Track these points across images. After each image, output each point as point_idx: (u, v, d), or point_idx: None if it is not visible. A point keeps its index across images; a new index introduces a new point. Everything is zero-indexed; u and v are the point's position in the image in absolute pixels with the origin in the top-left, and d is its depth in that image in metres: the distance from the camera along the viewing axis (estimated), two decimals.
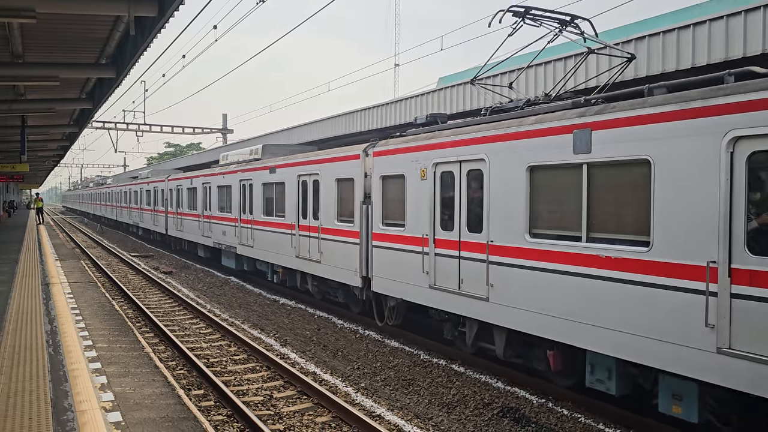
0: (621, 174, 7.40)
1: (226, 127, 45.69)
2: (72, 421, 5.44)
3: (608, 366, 7.76)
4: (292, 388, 9.50)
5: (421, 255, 10.74)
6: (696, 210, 6.43)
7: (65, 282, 15.46)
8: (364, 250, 12.66)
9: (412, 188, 11.03)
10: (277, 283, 17.98)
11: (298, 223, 15.63)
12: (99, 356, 8.85)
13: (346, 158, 13.44)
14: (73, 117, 21.24)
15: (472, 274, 9.54)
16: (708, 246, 6.29)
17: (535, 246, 8.43)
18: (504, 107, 10.15)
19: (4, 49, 11.57)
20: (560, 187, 8.18)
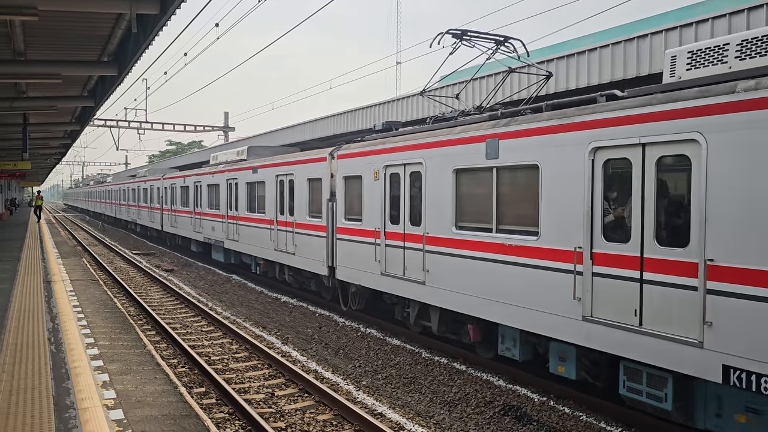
0: (520, 176, 8.97)
1: (228, 125, 45.71)
2: (74, 418, 5.45)
3: (513, 336, 9.33)
4: (293, 386, 9.51)
5: (374, 246, 12.32)
6: (569, 206, 7.95)
7: (67, 279, 15.47)
8: (330, 242, 14.15)
9: (367, 187, 12.60)
10: (259, 274, 19.37)
11: (276, 219, 17.09)
12: (101, 354, 8.85)
13: (315, 160, 15.03)
14: (74, 115, 21.25)
15: (413, 261, 11.12)
16: (577, 234, 7.81)
17: (459, 237, 10.00)
18: (443, 117, 11.81)
19: (6, 47, 11.57)
20: (477, 187, 9.72)
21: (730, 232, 6.18)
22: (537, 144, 8.47)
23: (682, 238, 6.69)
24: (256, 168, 18.43)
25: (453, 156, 10.08)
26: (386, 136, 12.72)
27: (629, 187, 7.21)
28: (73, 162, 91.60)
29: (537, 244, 8.43)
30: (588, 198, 7.66)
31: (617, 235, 7.40)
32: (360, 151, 13.02)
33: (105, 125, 40.95)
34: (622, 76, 12.89)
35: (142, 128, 41.83)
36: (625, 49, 12.84)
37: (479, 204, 9.61)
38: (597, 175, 7.59)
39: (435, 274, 10.50)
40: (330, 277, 14.29)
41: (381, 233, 12.04)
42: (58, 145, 31.63)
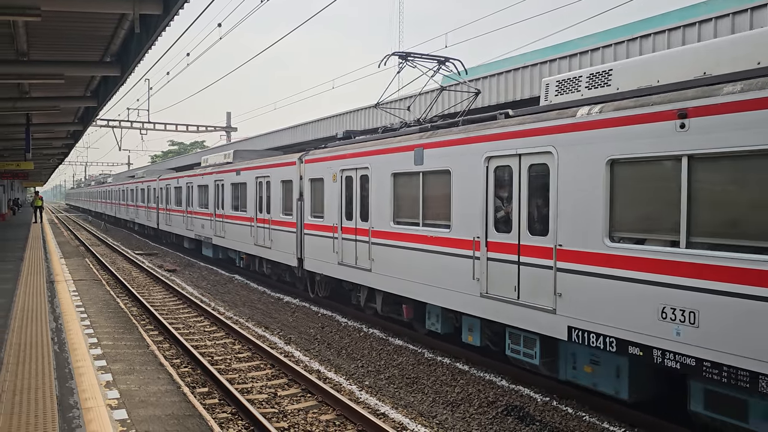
0: (438, 180, 10.71)
1: (230, 125, 45.74)
2: (78, 418, 5.46)
3: (437, 313, 11.21)
4: (296, 386, 9.51)
5: (333, 239, 14.11)
6: (471, 204, 9.81)
7: (70, 280, 15.49)
8: (299, 237, 15.86)
9: (328, 188, 14.34)
10: (242, 267, 21.24)
11: (256, 217, 18.77)
12: (104, 354, 8.85)
13: (287, 164, 16.72)
14: (77, 115, 21.27)
15: (363, 252, 12.92)
16: (476, 227, 9.67)
17: (396, 230, 11.85)
18: (390, 128, 13.74)
19: (9, 47, 11.58)
20: (409, 188, 11.54)
21: (569, 223, 8.07)
22: (449, 153, 10.37)
23: (544, 228, 8.49)
24: (239, 170, 20.12)
25: (391, 162, 11.90)
26: (344, 143, 14.41)
27: (511, 189, 9.09)
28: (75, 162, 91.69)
29: (449, 235, 10.35)
30: (483, 197, 9.53)
31: (504, 227, 9.26)
32: (322, 156, 14.81)
33: (108, 125, 41.03)
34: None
35: (145, 128, 41.90)
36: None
37: (410, 202, 11.50)
38: (490, 179, 9.44)
39: (379, 262, 12.32)
40: (299, 268, 16.05)
41: (338, 228, 13.85)
42: (61, 145, 31.65)
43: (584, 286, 7.81)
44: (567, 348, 8.54)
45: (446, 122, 11.40)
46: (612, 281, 7.49)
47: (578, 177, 7.91)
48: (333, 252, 13.98)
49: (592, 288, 7.71)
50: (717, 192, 6.62)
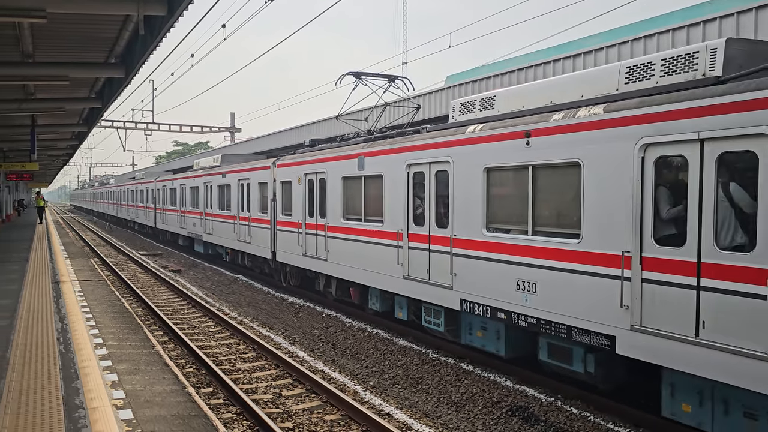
0: (375, 182, 12.54)
1: (234, 126, 45.83)
2: (84, 418, 5.48)
3: (376, 294, 13.03)
4: (300, 387, 9.53)
5: (298, 234, 16.01)
6: (397, 202, 11.72)
7: (75, 280, 15.55)
8: (272, 233, 17.78)
9: (295, 189, 16.24)
10: (228, 261, 23.32)
11: (238, 215, 20.65)
12: (109, 354, 8.89)
13: (263, 168, 18.54)
14: (82, 116, 21.36)
15: (321, 245, 14.77)
16: (401, 222, 11.58)
17: (345, 225, 13.63)
18: (345, 137, 15.57)
19: (15, 49, 11.64)
20: (355, 190, 13.37)
21: (461, 218, 10.03)
22: (382, 161, 12.25)
23: (445, 222, 10.48)
24: (225, 173, 22.12)
25: (342, 167, 13.77)
26: (308, 151, 16.16)
27: (424, 191, 11.06)
28: (80, 163, 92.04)
29: (382, 228, 12.24)
30: (406, 197, 11.50)
31: (420, 221, 11.16)
32: (290, 162, 16.75)
33: (112, 126, 41.14)
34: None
35: (149, 129, 41.99)
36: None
37: (355, 201, 13.36)
38: (410, 183, 11.39)
39: (333, 253, 14.21)
40: (273, 260, 17.97)
41: (302, 224, 15.73)
42: (66, 146, 31.80)
43: (469, 267, 9.93)
44: (463, 317, 10.53)
45: (382, 134, 13.28)
46: (487, 262, 9.54)
47: (466, 181, 9.96)
48: (299, 245, 16.00)
49: (474, 268, 9.82)
50: (549, 193, 8.63)
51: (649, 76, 7.74)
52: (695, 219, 6.59)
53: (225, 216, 22.09)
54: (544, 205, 8.71)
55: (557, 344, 8.65)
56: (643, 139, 7.10)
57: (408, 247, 11.43)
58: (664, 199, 7.05)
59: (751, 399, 6.35)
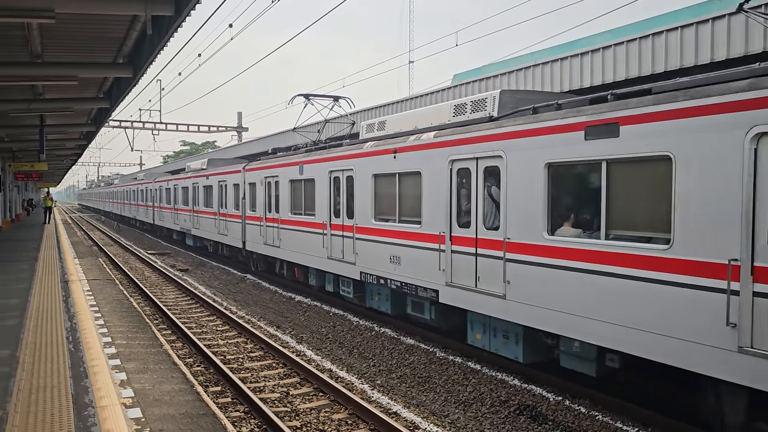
0: (309, 184, 15.80)
1: (241, 125, 45.90)
2: (93, 416, 5.51)
3: (313, 273, 16.28)
4: (308, 385, 9.54)
5: (260, 227, 19.45)
6: (324, 199, 14.82)
7: (84, 279, 15.63)
8: (243, 226, 21.27)
9: (258, 190, 19.57)
10: (211, 252, 26.93)
11: (218, 212, 24.12)
12: (118, 353, 8.93)
13: (236, 171, 22.03)
14: (90, 116, 21.44)
15: (275, 234, 18.16)
16: (325, 214, 14.81)
17: (292, 218, 16.90)
18: (297, 146, 19.68)
19: (23, 49, 11.70)
20: (298, 190, 16.69)
21: (359, 208, 13.40)
22: (314, 168, 15.47)
23: (350, 211, 13.78)
24: (208, 176, 25.52)
25: (288, 172, 17.08)
26: (268, 157, 19.73)
27: (339, 191, 14.26)
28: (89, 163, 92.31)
29: (314, 220, 15.48)
30: (328, 195, 14.66)
31: (338, 214, 14.33)
32: (255, 167, 20.10)
33: (120, 126, 41.27)
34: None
35: (157, 129, 42.10)
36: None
37: (299, 199, 16.55)
38: (332, 184, 14.53)
39: (284, 241, 17.53)
40: (243, 249, 21.48)
41: (263, 218, 19.08)
42: (74, 146, 31.93)
43: (363, 247, 13.17)
44: (367, 287, 13.71)
45: (316, 146, 16.57)
46: (373, 243, 12.70)
47: (361, 185, 13.16)
48: (260, 235, 19.44)
49: (365, 247, 13.06)
50: (410, 193, 11.59)
51: (463, 113, 10.64)
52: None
53: (208, 213, 25.66)
54: (408, 202, 11.67)
55: (416, 301, 11.89)
56: (451, 156, 10.23)
57: (330, 235, 14.61)
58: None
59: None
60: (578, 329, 7.97)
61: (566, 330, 8.20)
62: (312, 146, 16.94)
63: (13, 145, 27.87)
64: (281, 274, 18.97)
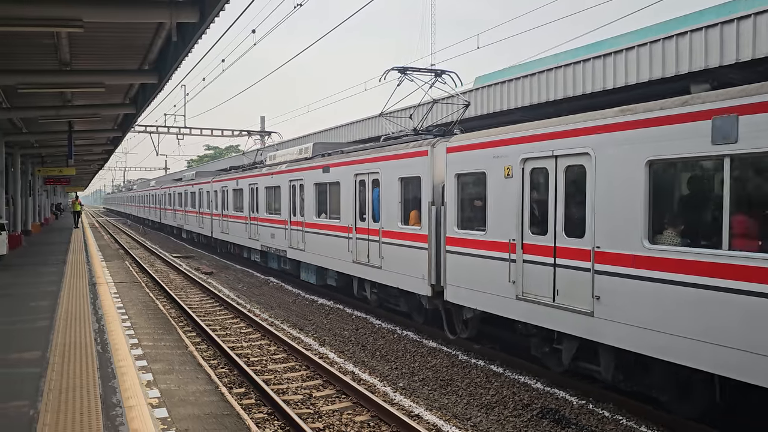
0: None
1: (264, 129, 46.27)
2: (121, 416, 5.62)
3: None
4: (331, 387, 9.61)
5: (245, 224, 23.01)
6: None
7: (111, 282, 15.90)
8: (249, 226, 23.48)
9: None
10: (214, 247, 30.69)
11: (222, 213, 27.48)
12: (145, 354, 9.09)
13: (205, 182, 28.96)
14: (117, 122, 21.82)
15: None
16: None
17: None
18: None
19: (53, 58, 11.98)
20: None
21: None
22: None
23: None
24: (196, 184, 30.72)
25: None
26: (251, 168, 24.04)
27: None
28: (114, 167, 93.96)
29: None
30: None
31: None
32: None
33: (145, 131, 41.74)
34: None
35: (181, 133, 42.53)
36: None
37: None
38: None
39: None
40: (252, 249, 23.99)
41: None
42: (101, 151, 32.50)
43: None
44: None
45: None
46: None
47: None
48: (244, 232, 23.36)
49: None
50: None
51: None
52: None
53: (204, 213, 31.24)
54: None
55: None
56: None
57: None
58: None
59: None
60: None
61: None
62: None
63: (42, 150, 28.48)
64: (251, 258, 19.68)
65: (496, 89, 17.85)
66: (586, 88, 14.30)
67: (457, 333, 11.62)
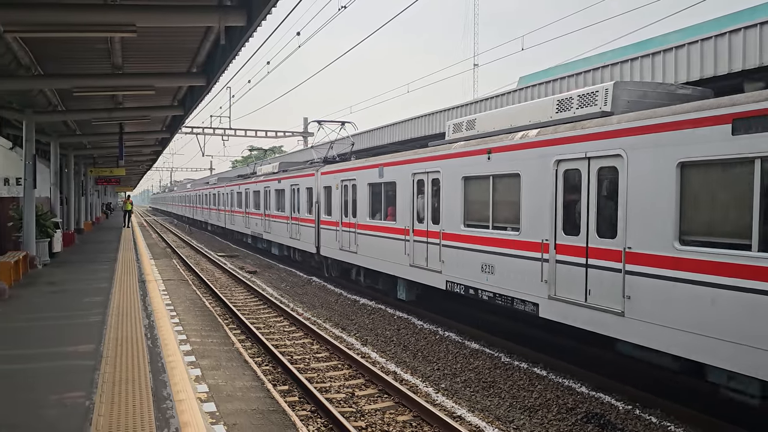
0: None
1: (307, 130, 46.78)
2: (171, 409, 5.79)
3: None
4: (373, 387, 9.66)
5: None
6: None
7: (159, 279, 16.32)
8: (264, 220, 27.63)
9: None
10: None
11: (264, 213, 28.97)
12: (193, 350, 9.30)
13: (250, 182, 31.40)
14: (165, 123, 22.39)
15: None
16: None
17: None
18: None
19: (106, 62, 12.39)
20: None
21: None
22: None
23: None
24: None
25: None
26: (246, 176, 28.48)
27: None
28: (162, 168, 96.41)
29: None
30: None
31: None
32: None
33: (192, 132, 42.86)
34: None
35: (226, 135, 43.47)
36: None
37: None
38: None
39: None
40: (262, 238, 29.14)
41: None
42: (150, 152, 33.37)
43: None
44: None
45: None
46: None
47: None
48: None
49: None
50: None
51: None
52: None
53: (234, 211, 35.06)
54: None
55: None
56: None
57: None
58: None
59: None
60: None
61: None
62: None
63: (95, 151, 29.42)
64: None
65: (540, 89, 17.67)
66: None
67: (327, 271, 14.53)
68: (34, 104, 15.87)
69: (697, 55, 12.64)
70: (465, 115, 19.33)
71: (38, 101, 15.56)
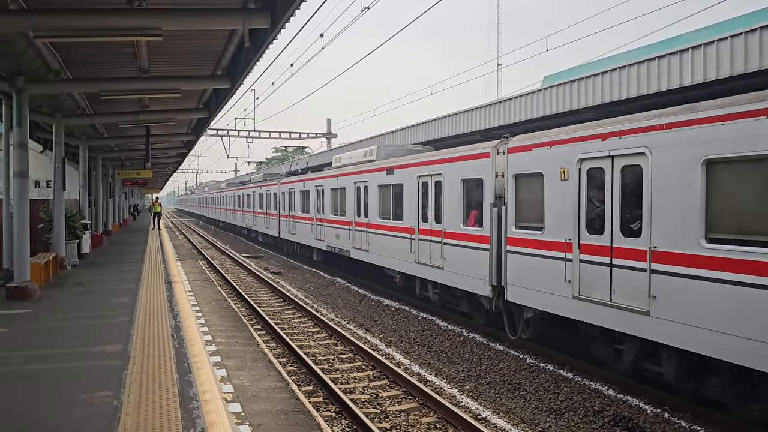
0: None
1: (330, 132, 46.93)
2: (197, 409, 5.83)
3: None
4: (397, 388, 9.64)
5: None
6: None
7: (185, 280, 16.48)
8: (278, 221, 30.20)
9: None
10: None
11: (254, 210, 36.39)
12: (218, 350, 9.38)
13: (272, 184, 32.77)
14: (191, 126, 22.64)
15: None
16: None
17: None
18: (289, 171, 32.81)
19: (133, 65, 12.56)
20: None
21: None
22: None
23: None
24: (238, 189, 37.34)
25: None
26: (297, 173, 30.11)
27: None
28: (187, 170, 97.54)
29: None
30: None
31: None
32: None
33: (217, 134, 43.24)
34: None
35: (251, 137, 43.79)
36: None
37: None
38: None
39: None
40: (278, 237, 31.22)
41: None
42: (176, 154, 33.79)
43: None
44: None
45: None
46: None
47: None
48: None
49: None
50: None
51: None
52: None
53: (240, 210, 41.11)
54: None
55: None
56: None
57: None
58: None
59: None
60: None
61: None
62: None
63: (122, 154, 29.89)
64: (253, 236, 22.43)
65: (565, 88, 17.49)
66: (662, 85, 13.78)
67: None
68: (63, 108, 16.16)
69: (727, 53, 12.38)
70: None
71: (67, 105, 15.84)
